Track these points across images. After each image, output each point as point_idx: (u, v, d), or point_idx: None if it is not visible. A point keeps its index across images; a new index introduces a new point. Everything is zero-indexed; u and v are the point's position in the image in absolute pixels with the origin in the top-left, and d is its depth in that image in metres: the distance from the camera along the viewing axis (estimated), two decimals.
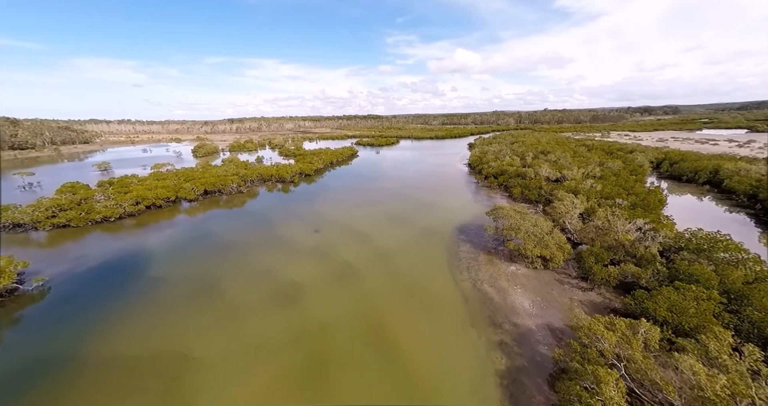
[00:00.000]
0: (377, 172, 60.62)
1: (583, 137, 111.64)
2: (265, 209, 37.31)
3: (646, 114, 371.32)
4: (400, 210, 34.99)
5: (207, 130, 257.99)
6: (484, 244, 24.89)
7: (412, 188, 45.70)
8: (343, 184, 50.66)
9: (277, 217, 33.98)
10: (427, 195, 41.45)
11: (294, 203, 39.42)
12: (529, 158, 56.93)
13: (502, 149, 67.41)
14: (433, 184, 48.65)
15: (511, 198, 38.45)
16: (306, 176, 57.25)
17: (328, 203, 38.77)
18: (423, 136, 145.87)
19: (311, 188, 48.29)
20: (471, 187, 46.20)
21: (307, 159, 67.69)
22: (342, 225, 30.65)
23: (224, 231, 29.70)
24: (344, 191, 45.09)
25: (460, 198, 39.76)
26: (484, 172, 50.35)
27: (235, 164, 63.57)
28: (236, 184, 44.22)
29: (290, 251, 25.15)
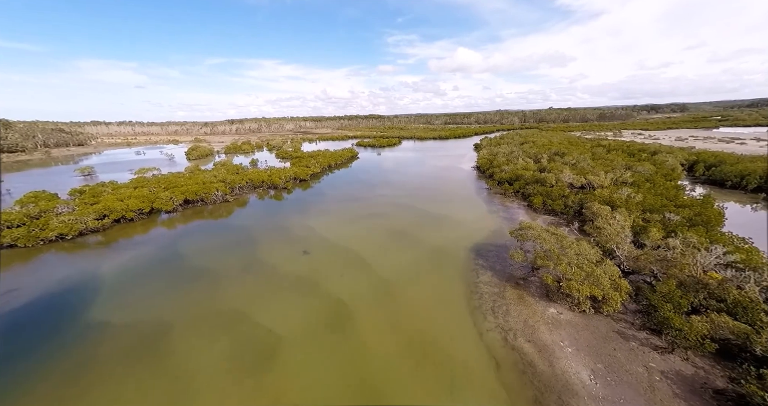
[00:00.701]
0: (378, 176, 55.94)
1: (594, 137, 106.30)
2: (251, 222, 32.75)
3: (653, 112, 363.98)
4: (404, 224, 30.29)
5: (206, 131, 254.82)
6: (508, 271, 20.14)
7: (417, 196, 40.98)
8: (340, 191, 46.04)
9: (262, 233, 29.42)
10: (434, 205, 36.70)
11: (284, 215, 34.85)
12: (545, 161, 52.01)
13: (513, 151, 62.47)
14: (439, 191, 43.88)
15: (530, 208, 33.61)
16: (301, 182, 52.72)
17: (322, 215, 34.15)
18: (426, 137, 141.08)
19: (305, 196, 43.72)
20: (482, 194, 41.40)
21: (304, 162, 63.21)
22: (336, 244, 26.01)
23: (196, 253, 25.15)
24: (341, 200, 40.46)
25: (472, 208, 34.98)
26: (496, 176, 45.51)
27: (226, 169, 59.28)
28: (221, 192, 39.75)
29: (270, 282, 20.54)
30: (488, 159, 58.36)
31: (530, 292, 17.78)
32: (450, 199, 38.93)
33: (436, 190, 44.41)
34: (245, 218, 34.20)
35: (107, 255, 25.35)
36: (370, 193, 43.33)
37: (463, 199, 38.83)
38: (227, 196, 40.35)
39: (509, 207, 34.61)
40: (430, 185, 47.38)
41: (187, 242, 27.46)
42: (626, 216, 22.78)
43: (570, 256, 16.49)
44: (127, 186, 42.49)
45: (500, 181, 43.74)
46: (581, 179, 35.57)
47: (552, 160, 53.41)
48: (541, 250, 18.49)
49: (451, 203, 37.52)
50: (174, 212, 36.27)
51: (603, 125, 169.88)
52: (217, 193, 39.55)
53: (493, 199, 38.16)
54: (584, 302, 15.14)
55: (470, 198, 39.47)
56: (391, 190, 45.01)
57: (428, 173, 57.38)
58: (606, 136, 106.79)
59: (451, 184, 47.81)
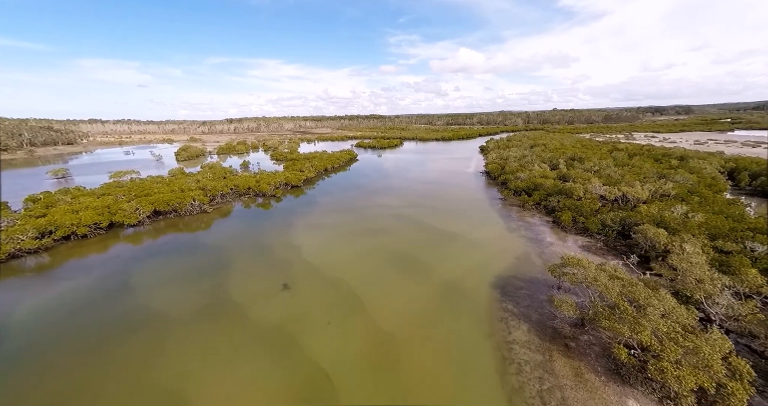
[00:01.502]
0: (378, 182, 50.83)
1: (606, 139, 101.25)
2: (227, 239, 27.65)
3: (657, 114, 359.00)
4: (409, 245, 25.18)
5: (204, 130, 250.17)
6: (550, 325, 15.05)
7: (422, 207, 35.88)
8: (336, 199, 40.94)
9: (237, 255, 24.31)
10: (442, 218, 31.60)
11: (268, 230, 29.75)
12: (563, 167, 46.91)
13: (525, 155, 57.35)
14: (447, 200, 38.76)
15: (556, 225, 28.48)
16: (293, 188, 47.65)
17: (312, 231, 29.06)
18: (428, 138, 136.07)
19: (296, 205, 38.62)
20: (496, 205, 36.28)
21: (298, 165, 58.19)
22: (325, 275, 20.90)
23: (148, 285, 20.05)
24: (336, 211, 35.36)
25: (488, 224, 29.85)
26: (511, 185, 40.38)
27: (213, 172, 54.31)
28: (199, 202, 34.66)
29: (232, 334, 15.44)
30: (499, 164, 53.27)
31: (589, 363, 12.68)
32: (460, 212, 33.81)
33: (444, 199, 39.29)
34: (221, 234, 29.08)
35: (27, 290, 20.18)
36: (368, 203, 38.21)
37: (475, 212, 33.69)
38: (205, 207, 35.24)
39: (531, 223, 29.47)
40: (436, 193, 42.26)
41: (141, 269, 22.34)
42: (695, 245, 17.66)
43: (653, 318, 11.40)
44: (93, 194, 37.46)
45: (517, 191, 38.62)
46: (615, 191, 30.43)
47: (570, 166, 48.31)
48: (600, 300, 13.39)
49: (462, 216, 32.40)
50: (141, 225, 31.19)
51: (610, 127, 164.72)
52: (193, 203, 34.48)
53: (510, 213, 33.03)
54: (686, 397, 10.03)
55: (483, 211, 34.33)
56: (392, 198, 39.90)
57: (433, 179, 52.28)
58: (618, 139, 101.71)
59: (460, 193, 42.68)
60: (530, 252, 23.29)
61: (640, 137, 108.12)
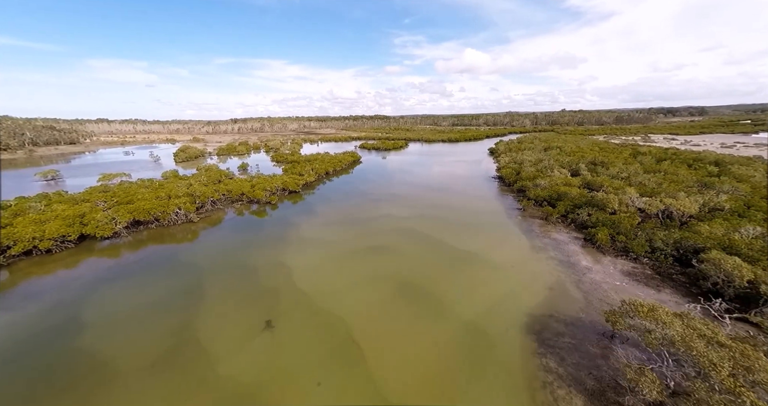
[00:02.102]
0: (383, 187, 47.14)
1: (621, 141, 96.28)
2: (207, 257, 24.18)
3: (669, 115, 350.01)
4: (418, 269, 21.42)
5: (209, 130, 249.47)
6: (616, 400, 11.22)
7: (431, 218, 32.09)
8: (336, 207, 37.36)
9: (216, 279, 20.80)
10: (455, 233, 27.79)
11: (257, 245, 26.24)
12: (586, 173, 42.75)
13: (542, 159, 53.17)
14: (459, 210, 34.91)
15: (588, 243, 24.44)
16: (291, 193, 44.22)
17: (306, 248, 25.47)
18: (434, 139, 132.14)
19: (292, 214, 35.13)
20: (514, 216, 32.34)
21: (298, 168, 54.82)
22: (317, 308, 17.26)
23: (101, 321, 16.55)
24: (335, 223, 31.77)
25: (509, 241, 25.94)
26: (530, 193, 36.34)
27: (209, 175, 51.22)
28: (185, 210, 31.33)
29: (190, 400, 11.86)
30: (513, 169, 49.22)
31: None
32: (475, 225, 29.94)
33: (455, 209, 35.43)
34: (204, 250, 25.64)
35: None
36: (372, 212, 34.54)
37: (492, 226, 29.78)
38: (192, 216, 31.87)
39: (558, 241, 25.48)
40: (447, 201, 38.41)
41: (101, 296, 18.93)
42: None
43: None
44: (73, 199, 34.42)
45: (537, 201, 34.59)
46: (656, 204, 26.27)
47: (593, 172, 44.09)
48: (695, 373, 9.50)
49: (477, 230, 28.53)
50: (117, 237, 27.93)
51: (624, 129, 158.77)
52: (178, 212, 31.16)
53: (532, 227, 29.06)
54: None
55: (501, 224, 30.40)
56: (398, 207, 36.16)
57: (442, 184, 48.42)
58: (636, 142, 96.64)
59: (472, 201, 38.75)
60: (565, 280, 19.37)
61: (659, 140, 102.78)
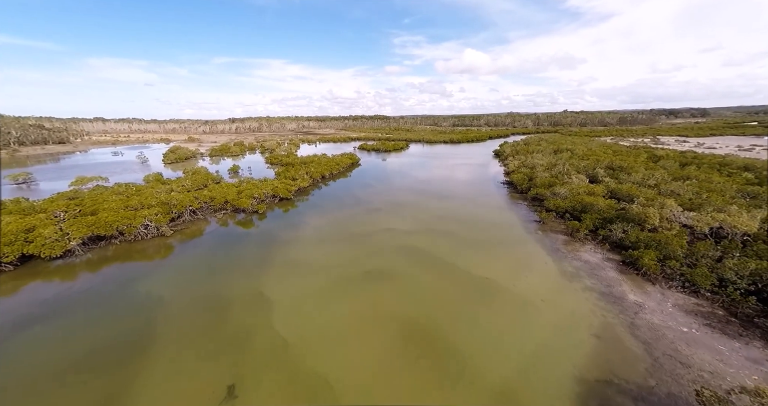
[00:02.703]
0: (382, 195, 43.11)
1: (631, 144, 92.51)
2: (173, 284, 20.10)
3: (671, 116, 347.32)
4: (426, 305, 17.37)
5: (206, 129, 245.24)
6: None
7: (439, 234, 28.07)
8: (330, 220, 33.32)
9: (174, 321, 16.68)
10: (467, 253, 23.78)
11: (233, 269, 22.16)
12: (608, 179, 38.80)
13: (555, 163, 49.20)
14: (469, 223, 30.90)
15: (631, 268, 20.46)
16: (281, 200, 40.18)
17: (292, 274, 21.39)
18: (435, 140, 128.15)
19: (280, 227, 31.10)
20: (532, 230, 28.37)
21: (292, 172, 50.75)
22: (298, 366, 13.20)
23: None
24: (329, 238, 27.72)
25: (532, 264, 21.92)
26: (549, 203, 32.32)
27: (194, 179, 47.19)
28: (154, 223, 27.23)
29: None
30: (525, 174, 45.26)
31: None
32: (490, 242, 25.92)
33: (465, 221, 31.42)
34: (168, 274, 21.54)
35: None
36: (370, 225, 30.50)
37: (510, 244, 25.75)
38: (164, 229, 27.75)
39: (592, 264, 21.47)
40: (454, 212, 34.40)
41: (13, 349, 14.82)
42: None
43: None
44: (33, 208, 30.30)
45: (559, 213, 30.58)
46: (707, 219, 22.29)
47: (615, 178, 40.15)
48: None
49: (493, 249, 24.52)
50: (72, 255, 23.81)
51: (630, 130, 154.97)
52: (149, 225, 27.05)
53: (556, 244, 25.07)
54: None
55: (520, 240, 26.38)
56: (400, 219, 32.14)
57: (447, 191, 44.39)
58: (646, 144, 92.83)
59: (483, 212, 34.75)
60: (614, 323, 15.37)
61: (670, 142, 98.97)
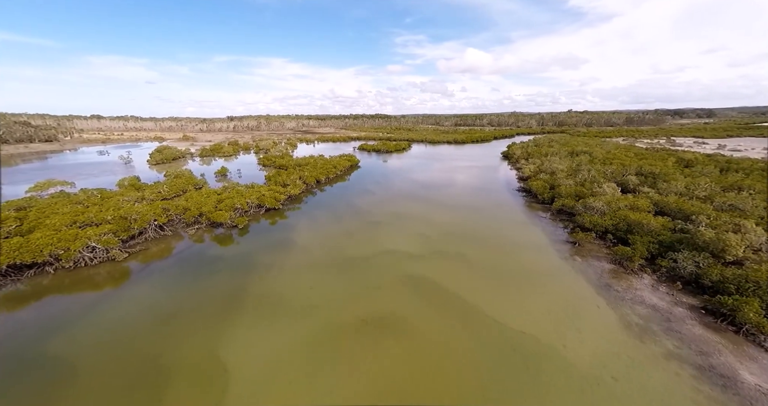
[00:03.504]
0: (385, 203, 37.86)
1: (647, 145, 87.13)
2: (99, 342, 14.86)
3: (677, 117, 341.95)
4: (447, 375, 12.21)
5: (203, 128, 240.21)
6: None
7: (454, 259, 22.84)
8: (323, 235, 28.12)
9: None
10: (492, 290, 18.59)
11: (190, 313, 16.93)
12: (645, 188, 33.55)
13: (579, 169, 43.90)
14: (489, 244, 25.66)
15: (720, 319, 15.25)
16: (268, 211, 35.00)
17: (265, 316, 16.18)
18: (438, 140, 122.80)
19: (263, 247, 25.90)
20: (568, 256, 23.16)
21: (283, 176, 45.54)
22: None
23: None
24: (318, 264, 22.48)
25: (581, 309, 16.70)
26: (584, 220, 27.01)
27: (171, 185, 42.16)
28: (102, 245, 21.99)
29: None
30: (545, 181, 40.01)
31: None
32: (519, 273, 20.69)
33: (482, 240, 26.18)
34: (97, 322, 16.28)
35: None
36: (370, 245, 25.27)
37: (544, 276, 20.50)
38: (114, 252, 22.49)
39: (662, 311, 16.21)
40: (469, 227, 29.17)
41: None
42: None
43: None
44: None
45: (597, 231, 25.28)
46: None
47: (653, 187, 34.89)
48: None
49: (525, 284, 19.30)
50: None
51: (640, 131, 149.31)
52: (96, 248, 21.82)
53: (603, 277, 19.84)
54: None
55: (556, 271, 21.11)
56: (405, 237, 26.90)
57: (457, 199, 39.12)
58: (663, 145, 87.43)
59: (503, 227, 29.51)
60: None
61: (687, 143, 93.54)
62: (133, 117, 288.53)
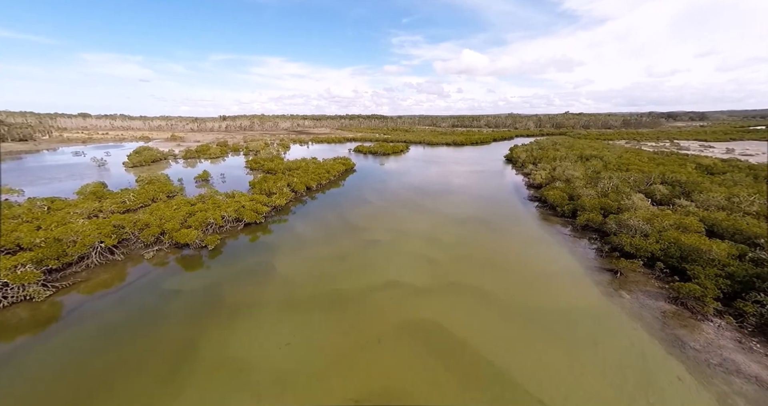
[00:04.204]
0: (382, 216, 33.17)
1: (654, 149, 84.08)
2: None
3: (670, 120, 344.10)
4: None
5: (194, 127, 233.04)
6: None
7: (470, 294, 18.26)
8: (310, 260, 23.30)
9: None
10: (524, 343, 14.05)
11: (118, 379, 12.10)
12: (683, 201, 29.50)
13: (598, 176, 39.73)
14: (510, 272, 21.15)
15: None
16: (247, 226, 30.09)
17: (223, 388, 11.40)
18: (436, 142, 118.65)
19: (234, 275, 21.00)
20: (609, 290, 18.77)
21: (269, 184, 40.60)
22: None
23: None
24: (299, 305, 17.67)
25: (654, 385, 12.28)
26: (624, 243, 22.56)
27: (139, 193, 37.15)
28: (16, 281, 16.91)
29: None
30: (562, 191, 35.81)
31: None
32: (556, 319, 16.16)
33: (502, 267, 21.66)
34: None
35: None
36: (365, 275, 20.54)
37: (590, 322, 15.99)
38: (32, 290, 17.39)
39: None
40: (482, 248, 24.61)
41: None
42: None
43: None
44: None
45: (642, 258, 20.92)
46: None
47: (689, 199, 30.83)
48: None
49: (567, 338, 14.77)
50: None
51: (641, 133, 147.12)
52: (6, 285, 16.73)
53: (669, 325, 15.42)
54: None
55: (603, 314, 16.63)
56: (408, 261, 22.23)
57: (465, 210, 34.57)
58: (669, 149, 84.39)
59: (522, 249, 25.01)
60: None
61: (693, 146, 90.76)
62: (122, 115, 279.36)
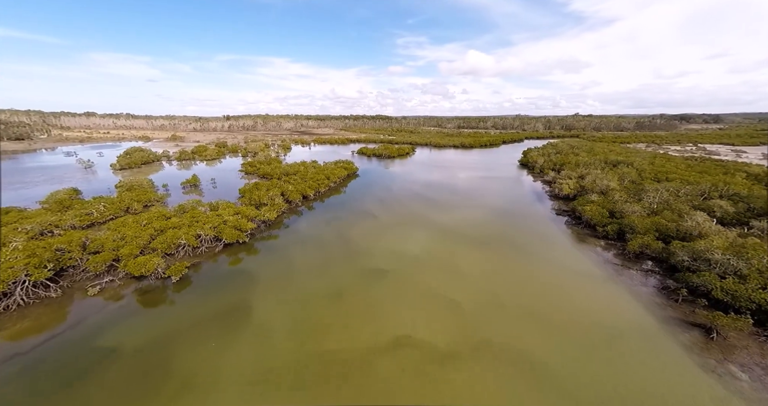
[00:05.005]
0: (389, 237, 28.05)
1: (680, 153, 77.97)
2: None
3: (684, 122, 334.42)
4: None
5: (196, 127, 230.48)
6: None
7: (507, 365, 13.14)
8: (297, 304, 18.36)
9: None
10: None
11: None
12: (760, 223, 24.05)
13: (642, 189, 34.24)
14: (550, 318, 15.99)
15: None
16: (231, 245, 25.24)
17: None
18: (444, 144, 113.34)
19: (200, 320, 16.11)
20: (700, 353, 13.57)
21: (261, 192, 35.85)
22: None
23: None
24: (280, 377, 12.69)
25: None
26: (707, 283, 17.27)
27: (113, 202, 32.63)
28: None
29: None
30: (600, 205, 30.47)
31: None
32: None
33: (545, 316, 16.52)
34: None
35: None
36: (367, 328, 15.52)
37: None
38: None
39: None
40: (516, 286, 19.46)
41: None
42: None
43: None
44: None
45: (743, 309, 15.63)
46: None
47: (758, 220, 25.31)
48: None
49: None
50: None
51: (659, 136, 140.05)
52: None
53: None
54: None
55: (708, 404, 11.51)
56: (423, 307, 17.17)
57: (486, 229, 29.30)
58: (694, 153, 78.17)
59: (565, 285, 19.78)
60: None
61: (722, 151, 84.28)
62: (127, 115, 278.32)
